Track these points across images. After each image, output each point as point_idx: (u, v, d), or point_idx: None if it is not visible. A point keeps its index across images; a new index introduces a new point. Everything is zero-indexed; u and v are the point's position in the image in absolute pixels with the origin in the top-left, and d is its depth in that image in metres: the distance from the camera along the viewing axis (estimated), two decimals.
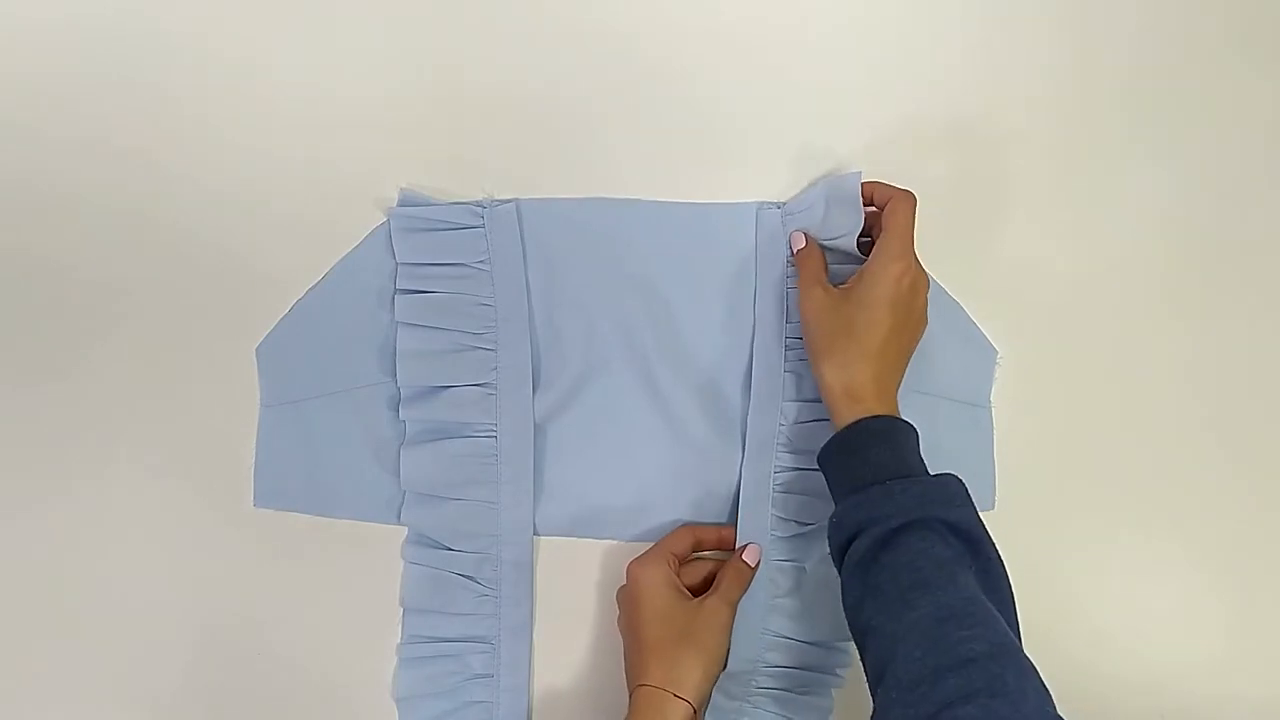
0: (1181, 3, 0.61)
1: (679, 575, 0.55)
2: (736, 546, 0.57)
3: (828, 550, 0.51)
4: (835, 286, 0.55)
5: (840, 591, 0.49)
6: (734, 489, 0.58)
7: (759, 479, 0.58)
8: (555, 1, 0.59)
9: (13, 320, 0.58)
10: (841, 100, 0.60)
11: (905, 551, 0.46)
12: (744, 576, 0.55)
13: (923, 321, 0.54)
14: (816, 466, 0.52)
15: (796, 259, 0.57)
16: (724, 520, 0.58)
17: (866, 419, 0.50)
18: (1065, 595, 0.60)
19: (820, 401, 0.56)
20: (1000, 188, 0.61)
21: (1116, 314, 0.61)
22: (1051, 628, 0.60)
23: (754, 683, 0.57)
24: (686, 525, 0.57)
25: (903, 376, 0.54)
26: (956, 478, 0.49)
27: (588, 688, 0.59)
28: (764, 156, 0.60)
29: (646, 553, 0.55)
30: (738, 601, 0.55)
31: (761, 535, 0.57)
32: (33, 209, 0.58)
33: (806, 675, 0.57)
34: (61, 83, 0.58)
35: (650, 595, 0.53)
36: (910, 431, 0.51)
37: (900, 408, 0.57)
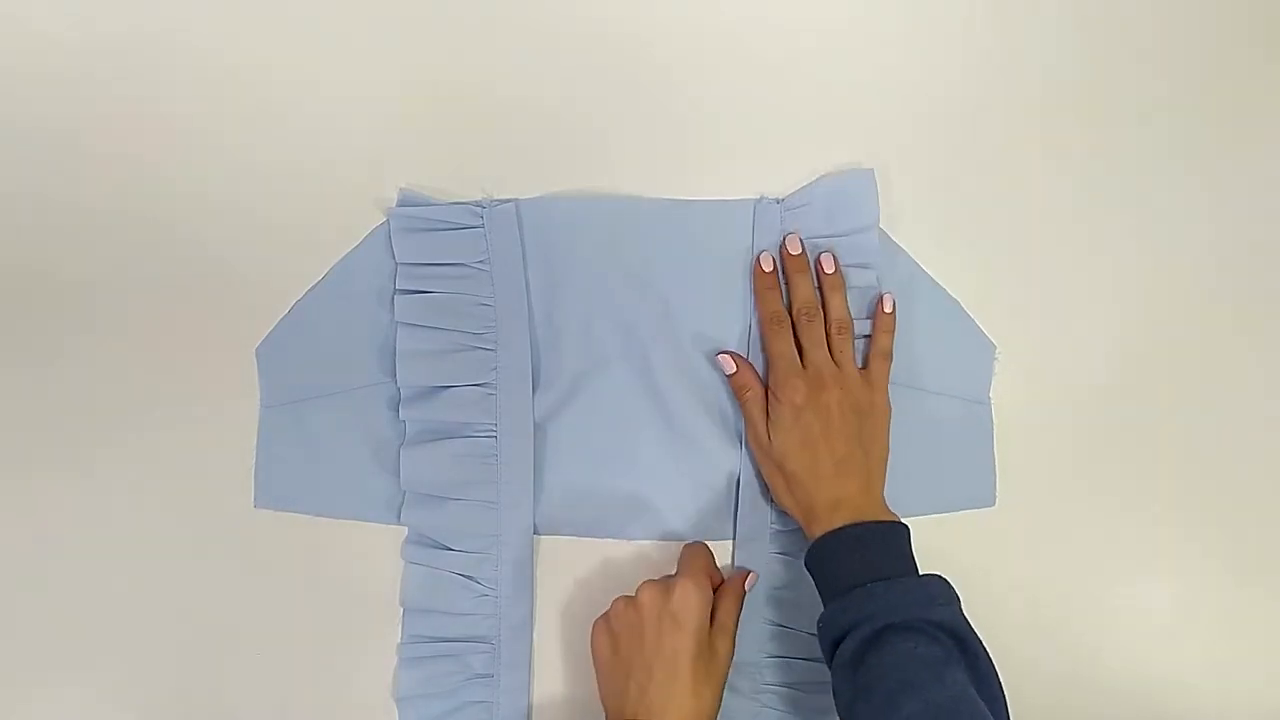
0: (1182, 3, 0.62)
1: None
2: (735, 538, 0.57)
3: None
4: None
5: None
6: (734, 485, 0.58)
7: (757, 473, 0.58)
8: (555, 1, 0.59)
9: (12, 321, 0.59)
10: (842, 98, 0.60)
11: (891, 652, 0.46)
12: (740, 603, 0.54)
13: (868, 427, 0.54)
14: None
15: (741, 401, 0.57)
16: (724, 515, 0.58)
17: (835, 531, 0.50)
18: (1065, 592, 0.60)
19: None
20: (1000, 183, 0.61)
21: (1116, 309, 0.61)
22: (1052, 625, 0.60)
23: (760, 677, 0.57)
24: (703, 545, 0.57)
25: (880, 476, 0.54)
26: (940, 578, 0.49)
27: (588, 687, 0.58)
28: (764, 154, 0.60)
29: (694, 571, 0.53)
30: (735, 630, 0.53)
31: (760, 529, 0.58)
32: (31, 209, 0.59)
33: (811, 666, 0.57)
34: (61, 83, 0.59)
35: (698, 620, 0.50)
36: (892, 532, 0.50)
37: (899, 405, 0.57)
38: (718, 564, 0.56)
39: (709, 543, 0.58)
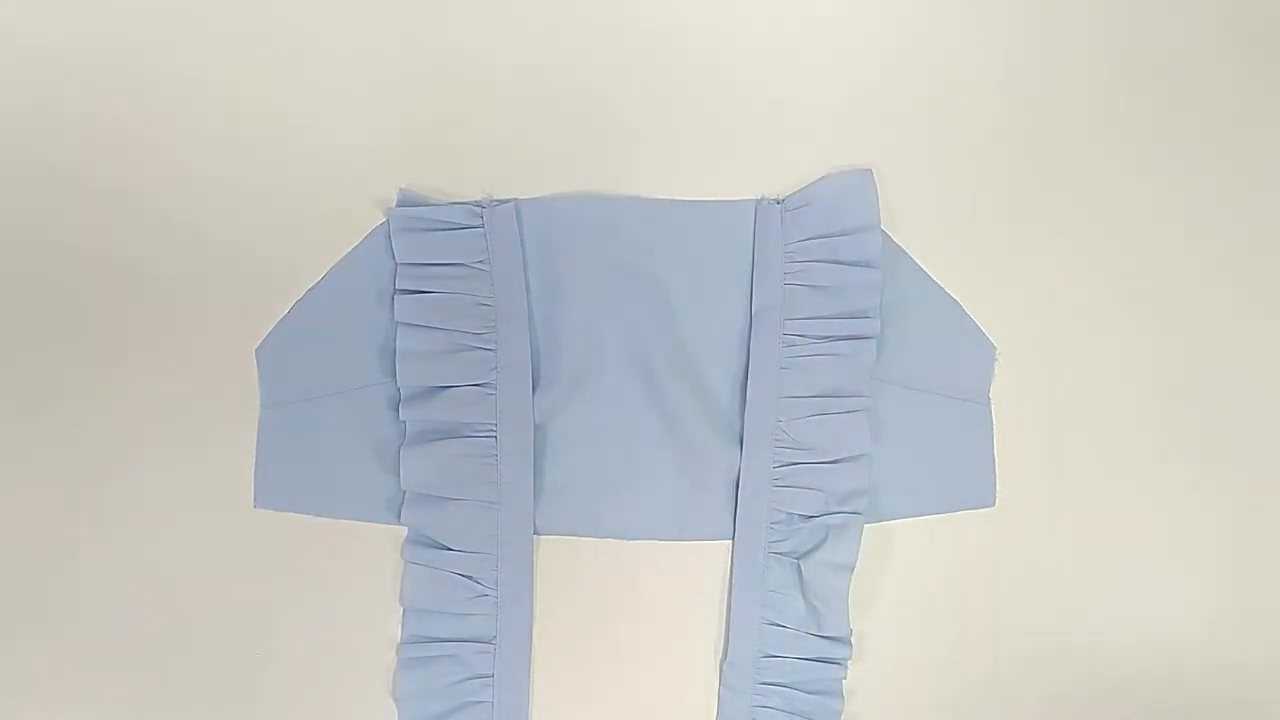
0: (1185, 5, 0.62)
1: None
2: (735, 538, 0.57)
3: (825, 542, 0.51)
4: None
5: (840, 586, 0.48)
6: (734, 484, 0.58)
7: (758, 473, 0.58)
8: (555, 2, 0.59)
9: (11, 321, 0.59)
10: (842, 98, 0.60)
11: None
12: None
13: None
14: (814, 460, 0.53)
15: None
16: (723, 514, 0.58)
17: None
18: (1065, 592, 0.60)
19: (818, 397, 0.57)
20: (1000, 183, 0.61)
21: (1117, 308, 0.61)
22: (1052, 625, 0.60)
23: (757, 677, 0.57)
24: None
25: None
26: None
27: (588, 688, 0.59)
28: (764, 154, 0.60)
29: None
30: None
31: (761, 528, 0.57)
32: (30, 209, 0.59)
33: (811, 666, 0.57)
34: (58, 82, 0.59)
35: None
36: None
37: (899, 406, 0.58)
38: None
39: (708, 542, 0.59)
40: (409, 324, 0.57)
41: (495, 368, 0.58)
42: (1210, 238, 0.62)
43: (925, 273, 0.60)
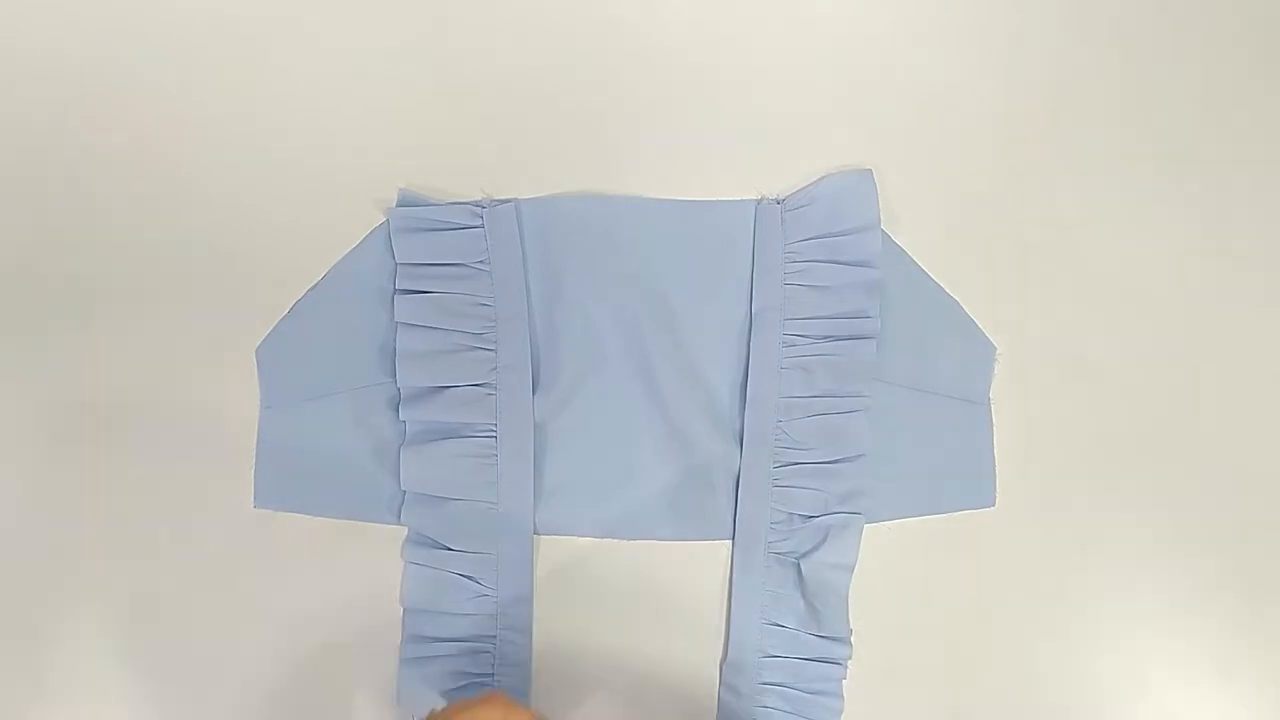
0: (1186, 4, 0.62)
1: None
2: (735, 538, 0.58)
3: (825, 542, 0.51)
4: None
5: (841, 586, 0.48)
6: (734, 484, 0.58)
7: (758, 473, 0.58)
8: (555, 1, 0.59)
9: (11, 321, 0.59)
10: (842, 98, 0.60)
11: None
12: None
13: None
14: (814, 460, 0.53)
15: None
16: (723, 515, 0.58)
17: None
18: (1065, 592, 0.60)
19: (818, 397, 0.58)
20: (1000, 183, 0.61)
21: (1117, 308, 0.61)
22: (1052, 625, 0.60)
23: (759, 678, 0.57)
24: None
25: None
26: None
27: (588, 688, 0.59)
28: (764, 154, 0.60)
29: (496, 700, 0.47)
30: None
31: (761, 528, 0.58)
32: (30, 209, 0.59)
33: (810, 666, 0.58)
34: (58, 81, 0.59)
35: None
36: None
37: (900, 405, 0.58)
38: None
39: (708, 542, 0.59)
40: (409, 324, 0.57)
41: (495, 368, 0.58)
42: (1211, 238, 0.62)
43: (925, 273, 0.60)
